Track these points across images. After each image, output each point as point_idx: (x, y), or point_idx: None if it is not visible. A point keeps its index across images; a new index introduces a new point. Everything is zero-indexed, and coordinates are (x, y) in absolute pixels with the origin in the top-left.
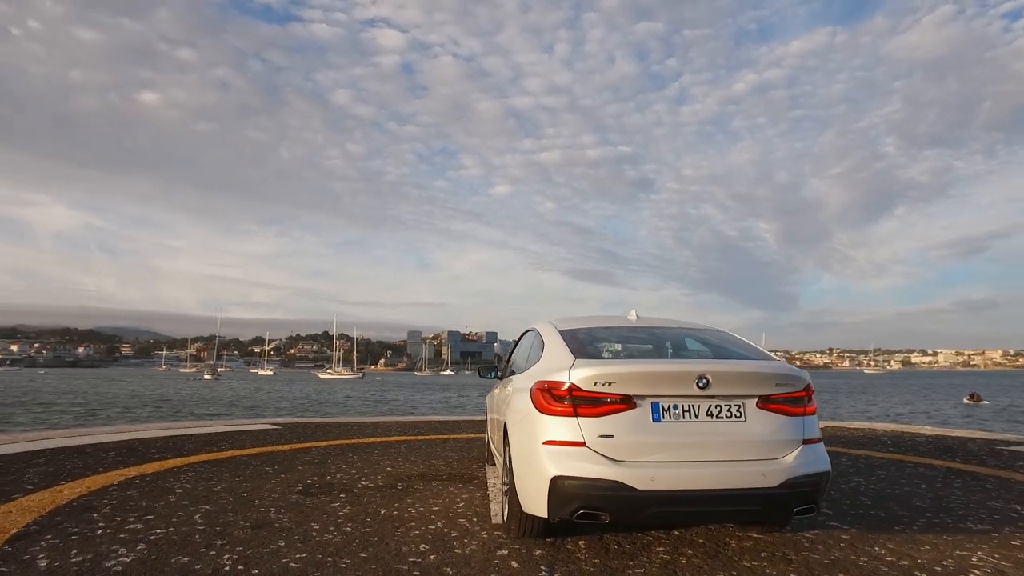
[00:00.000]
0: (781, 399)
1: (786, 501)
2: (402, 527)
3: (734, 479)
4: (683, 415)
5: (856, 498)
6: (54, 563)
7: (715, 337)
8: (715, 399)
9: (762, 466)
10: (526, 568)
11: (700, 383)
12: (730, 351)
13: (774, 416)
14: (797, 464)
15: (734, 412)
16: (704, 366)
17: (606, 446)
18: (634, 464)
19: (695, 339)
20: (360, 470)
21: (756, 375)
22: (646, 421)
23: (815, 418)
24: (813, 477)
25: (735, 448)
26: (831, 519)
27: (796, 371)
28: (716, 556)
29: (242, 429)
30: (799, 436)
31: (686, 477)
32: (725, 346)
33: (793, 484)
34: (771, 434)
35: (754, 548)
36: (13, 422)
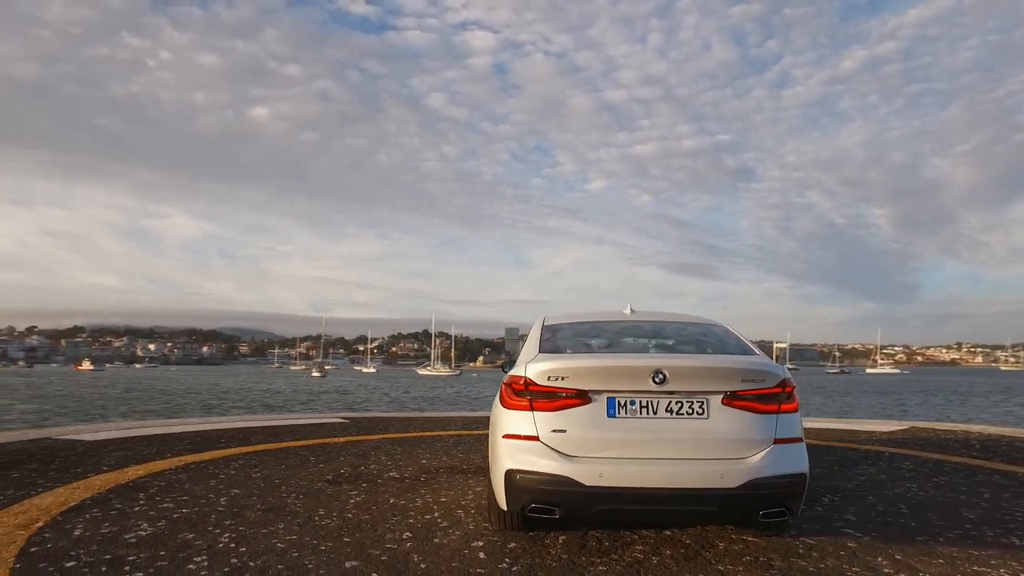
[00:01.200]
0: (749, 396)
1: (747, 503)
2: (399, 516)
3: (689, 478)
4: (640, 411)
5: (894, 505)
6: (85, 533)
7: (705, 331)
8: (675, 395)
9: (722, 466)
10: (491, 559)
11: (656, 378)
12: (710, 346)
13: (741, 414)
14: (763, 465)
15: (696, 409)
16: (661, 360)
17: (559, 441)
18: (585, 460)
19: (682, 333)
20: (396, 462)
21: (719, 370)
22: (600, 416)
23: (794, 416)
24: (782, 479)
25: (696, 446)
26: (849, 525)
27: (769, 367)
28: (693, 558)
29: (312, 422)
30: (769, 435)
31: (637, 475)
32: (709, 341)
33: (756, 486)
34: (737, 432)
35: (739, 552)
36: (180, 410)
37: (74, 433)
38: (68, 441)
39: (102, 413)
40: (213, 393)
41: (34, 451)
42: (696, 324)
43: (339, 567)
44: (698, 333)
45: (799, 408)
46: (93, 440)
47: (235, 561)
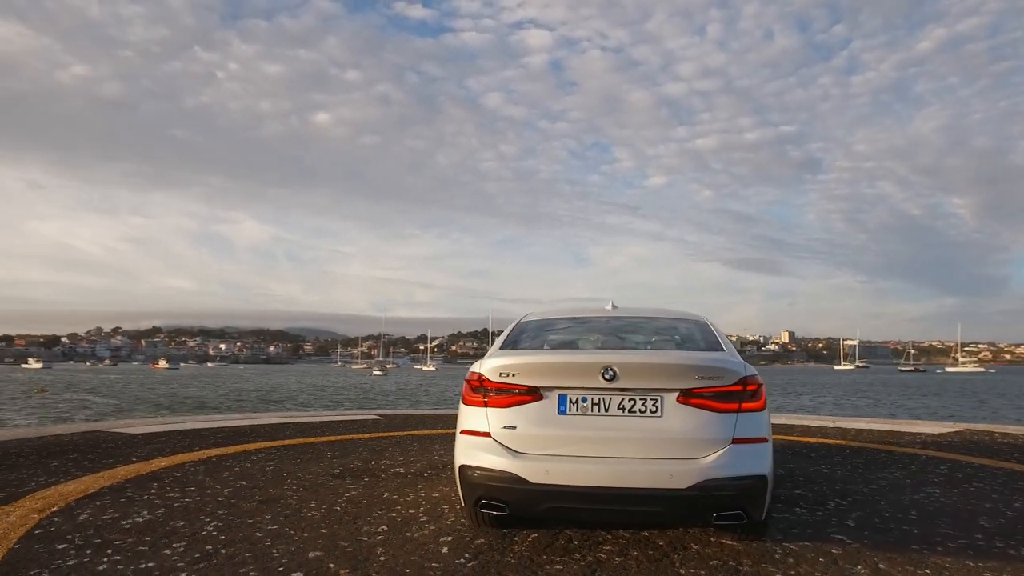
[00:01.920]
0: (705, 394)
1: (698, 505)
2: (385, 509)
3: (637, 478)
4: (592, 408)
5: (905, 511)
6: (89, 518)
7: (679, 327)
8: (627, 392)
9: (673, 465)
10: (452, 554)
11: (606, 375)
12: (679, 342)
13: (696, 412)
14: (718, 465)
15: (649, 407)
16: (611, 357)
17: (509, 437)
18: (533, 457)
19: (654, 329)
20: (408, 458)
21: (673, 367)
22: (551, 413)
23: (758, 415)
24: (738, 481)
25: (647, 445)
26: (845, 531)
27: (727, 364)
28: (659, 561)
29: (345, 419)
30: (727, 435)
31: (583, 473)
32: (679, 337)
33: (708, 487)
34: (691, 432)
35: (710, 555)
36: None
37: (124, 427)
38: (115, 434)
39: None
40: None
41: (80, 443)
42: (673, 320)
43: (302, 556)
44: (671, 329)
45: (765, 407)
46: (136, 433)
47: (209, 548)
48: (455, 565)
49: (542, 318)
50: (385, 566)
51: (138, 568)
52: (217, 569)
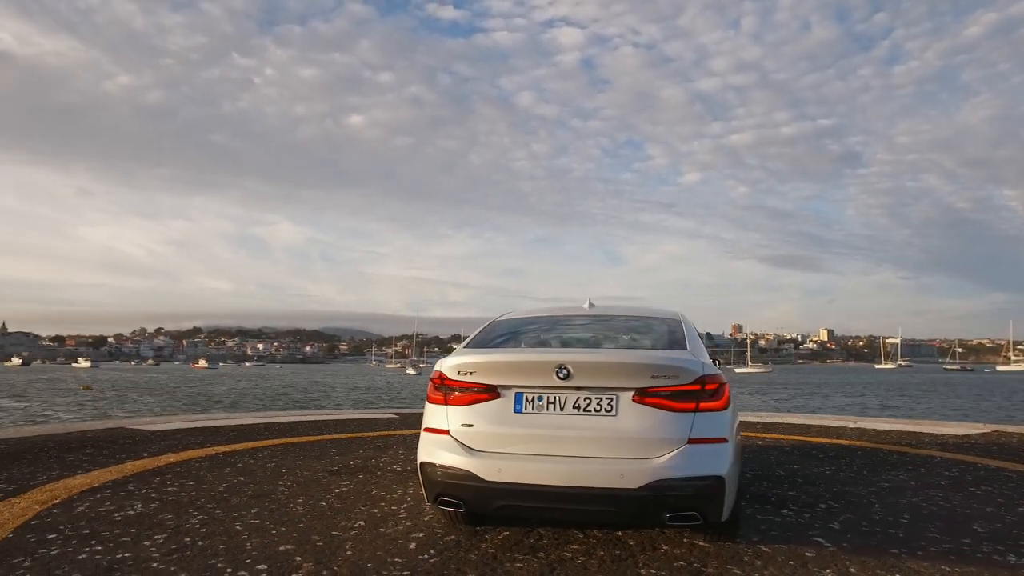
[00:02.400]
0: (660, 393)
1: (649, 506)
2: (368, 505)
3: (588, 477)
4: (547, 407)
5: (897, 514)
6: (85, 510)
7: (649, 325)
8: (583, 391)
9: (625, 465)
10: (418, 549)
11: (560, 373)
12: (645, 340)
13: (651, 411)
14: (672, 466)
15: (604, 406)
16: (564, 355)
17: (466, 435)
18: (489, 455)
19: (623, 327)
20: (409, 456)
21: (627, 366)
22: (507, 412)
23: (718, 415)
24: (692, 481)
25: (601, 444)
26: (827, 534)
27: (684, 363)
28: (623, 561)
29: (360, 417)
30: (683, 435)
31: (536, 471)
32: (647, 335)
33: (661, 488)
34: (645, 431)
35: (677, 556)
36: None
37: (146, 424)
38: (134, 431)
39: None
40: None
41: (100, 438)
42: (645, 318)
43: (273, 549)
44: (640, 327)
45: (727, 407)
46: (155, 430)
47: (187, 540)
48: (417, 561)
49: (515, 317)
50: (349, 560)
51: (114, 558)
52: (188, 560)
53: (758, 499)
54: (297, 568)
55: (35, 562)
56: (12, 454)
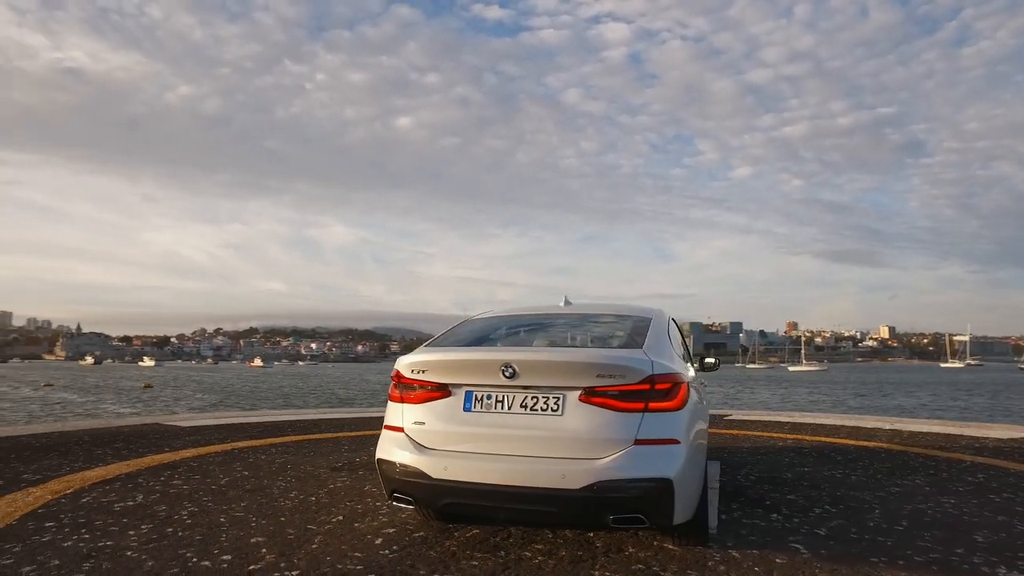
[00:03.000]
0: (608, 392)
1: (591, 507)
2: (354, 501)
3: (530, 477)
4: (495, 405)
5: (894, 521)
6: (90, 500)
7: (619, 324)
8: (531, 390)
9: (568, 465)
10: (383, 544)
11: (505, 372)
12: (609, 339)
13: (597, 411)
14: (616, 467)
15: (551, 405)
16: (510, 354)
17: (418, 433)
18: (436, 453)
19: (591, 325)
20: None
21: (572, 365)
22: (457, 410)
23: (670, 416)
24: (637, 483)
25: (547, 444)
26: (809, 540)
27: (631, 362)
28: (582, 562)
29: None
30: (629, 435)
31: (480, 470)
32: (611, 333)
33: (603, 489)
34: (591, 431)
35: (640, 559)
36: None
37: (180, 420)
38: (167, 426)
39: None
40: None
41: (133, 433)
42: (617, 315)
43: (245, 541)
44: (605, 325)
45: (683, 407)
46: (185, 426)
47: (169, 530)
48: (376, 555)
49: (487, 317)
50: (311, 553)
51: (95, 546)
52: (161, 550)
53: (752, 502)
54: (260, 559)
55: (24, 547)
56: (50, 446)
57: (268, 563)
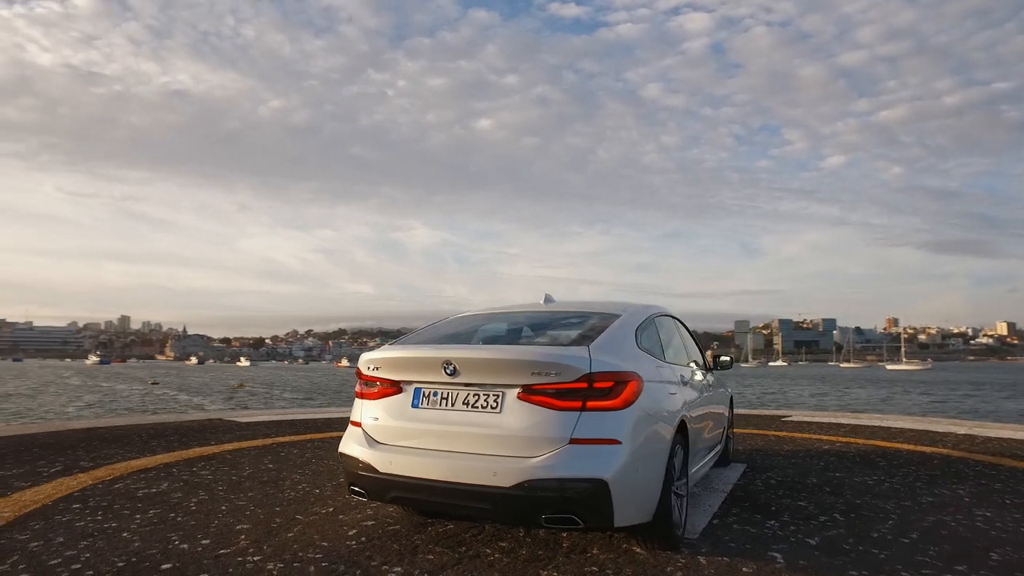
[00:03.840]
0: (545, 391)
1: (522, 506)
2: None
3: (466, 473)
4: (440, 402)
5: (905, 533)
6: (121, 487)
7: (586, 321)
8: (472, 387)
9: (501, 463)
10: (353, 535)
11: (447, 369)
12: (566, 337)
13: (534, 409)
14: (547, 466)
15: (490, 402)
16: (450, 352)
17: (373, 428)
18: (385, 447)
19: (555, 323)
20: None
21: (508, 362)
22: (406, 407)
23: (610, 415)
24: (568, 483)
25: (485, 441)
26: (792, 549)
27: (566, 360)
28: (535, 561)
29: None
30: (564, 434)
31: (420, 465)
32: (568, 331)
33: (532, 487)
34: (526, 429)
35: (596, 561)
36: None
37: (243, 416)
38: (227, 422)
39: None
40: None
41: (192, 428)
42: (585, 312)
43: (230, 528)
44: (570, 321)
45: (626, 406)
46: (243, 422)
47: (172, 515)
48: (340, 546)
49: (465, 314)
50: (283, 541)
51: (100, 527)
52: (154, 532)
53: (757, 507)
54: (233, 545)
55: (44, 525)
56: (118, 438)
57: (239, 548)
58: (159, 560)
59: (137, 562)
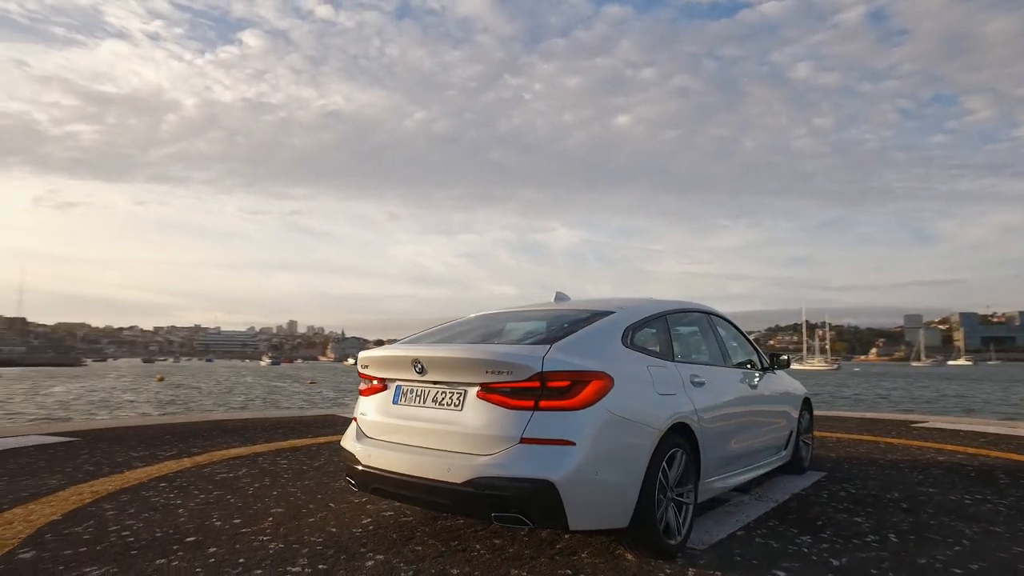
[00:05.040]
0: (501, 389)
1: (472, 502)
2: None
3: (426, 468)
4: (415, 400)
5: (960, 563)
6: (210, 471)
7: (569, 319)
8: (440, 385)
9: (456, 460)
10: (369, 523)
11: (416, 368)
12: (545, 336)
13: (489, 408)
14: (496, 464)
15: (454, 400)
16: (418, 351)
17: (364, 423)
18: (371, 441)
19: (545, 321)
20: None
21: (465, 361)
22: (388, 403)
23: (564, 415)
24: (515, 483)
25: (447, 438)
26: (799, 569)
27: (520, 358)
28: (517, 559)
29: None
30: (515, 433)
31: (389, 459)
32: (547, 329)
33: (480, 485)
34: (481, 427)
35: (576, 565)
36: None
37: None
38: (337, 417)
39: None
40: None
41: (305, 422)
42: (578, 311)
43: (266, 511)
44: (555, 320)
45: (586, 407)
46: (349, 417)
47: (228, 498)
48: (345, 533)
49: (477, 314)
50: (301, 525)
51: (167, 503)
52: (203, 511)
53: (803, 521)
54: (258, 524)
55: (130, 498)
56: (235, 430)
57: (259, 528)
58: (188, 533)
59: (172, 533)
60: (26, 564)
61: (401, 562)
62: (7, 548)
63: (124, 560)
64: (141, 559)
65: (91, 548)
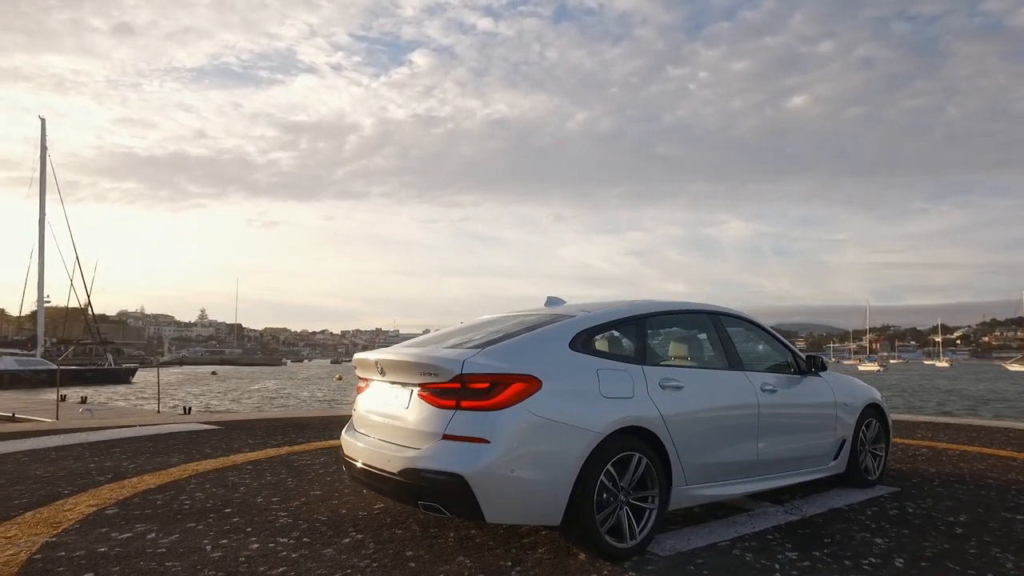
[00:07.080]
0: (432, 389)
1: (404, 491)
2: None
3: (374, 458)
4: (379, 397)
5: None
6: (253, 466)
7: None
8: (396, 385)
9: (395, 451)
10: (378, 511)
11: (379, 369)
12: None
13: (424, 406)
14: (421, 457)
15: (402, 399)
16: (379, 354)
17: (353, 417)
18: (352, 432)
19: (509, 325)
20: None
21: (407, 364)
22: (366, 399)
23: (484, 415)
24: (433, 475)
25: (396, 432)
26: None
27: (444, 361)
28: (479, 548)
29: None
30: (439, 430)
31: (359, 449)
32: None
33: (408, 475)
34: (417, 423)
35: (507, 557)
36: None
37: None
38: None
39: None
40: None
41: None
42: (540, 316)
43: (301, 492)
44: (516, 325)
45: (505, 408)
46: None
47: (274, 480)
48: (351, 515)
49: (482, 318)
50: (322, 507)
51: (224, 484)
52: (249, 491)
53: (811, 539)
54: (288, 504)
55: (198, 483)
56: (337, 425)
57: (285, 507)
58: (230, 505)
59: (220, 505)
60: (105, 519)
61: (372, 541)
62: (103, 506)
63: (169, 522)
64: (181, 522)
65: (154, 511)
